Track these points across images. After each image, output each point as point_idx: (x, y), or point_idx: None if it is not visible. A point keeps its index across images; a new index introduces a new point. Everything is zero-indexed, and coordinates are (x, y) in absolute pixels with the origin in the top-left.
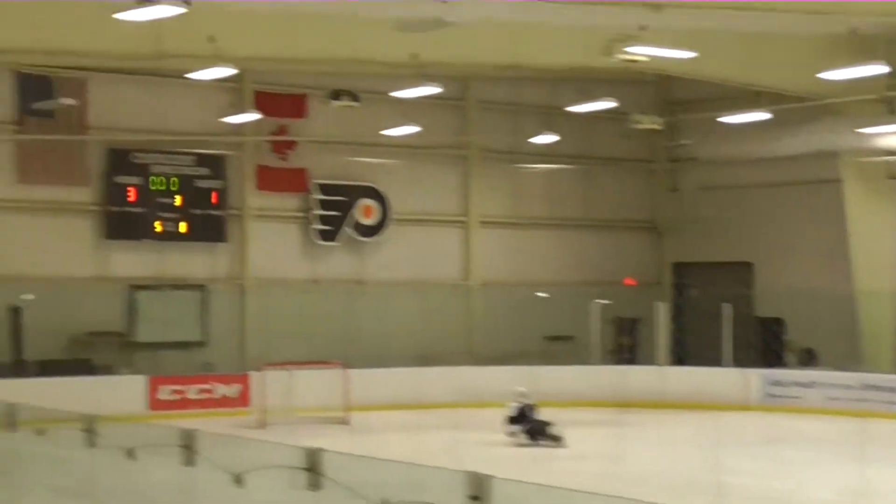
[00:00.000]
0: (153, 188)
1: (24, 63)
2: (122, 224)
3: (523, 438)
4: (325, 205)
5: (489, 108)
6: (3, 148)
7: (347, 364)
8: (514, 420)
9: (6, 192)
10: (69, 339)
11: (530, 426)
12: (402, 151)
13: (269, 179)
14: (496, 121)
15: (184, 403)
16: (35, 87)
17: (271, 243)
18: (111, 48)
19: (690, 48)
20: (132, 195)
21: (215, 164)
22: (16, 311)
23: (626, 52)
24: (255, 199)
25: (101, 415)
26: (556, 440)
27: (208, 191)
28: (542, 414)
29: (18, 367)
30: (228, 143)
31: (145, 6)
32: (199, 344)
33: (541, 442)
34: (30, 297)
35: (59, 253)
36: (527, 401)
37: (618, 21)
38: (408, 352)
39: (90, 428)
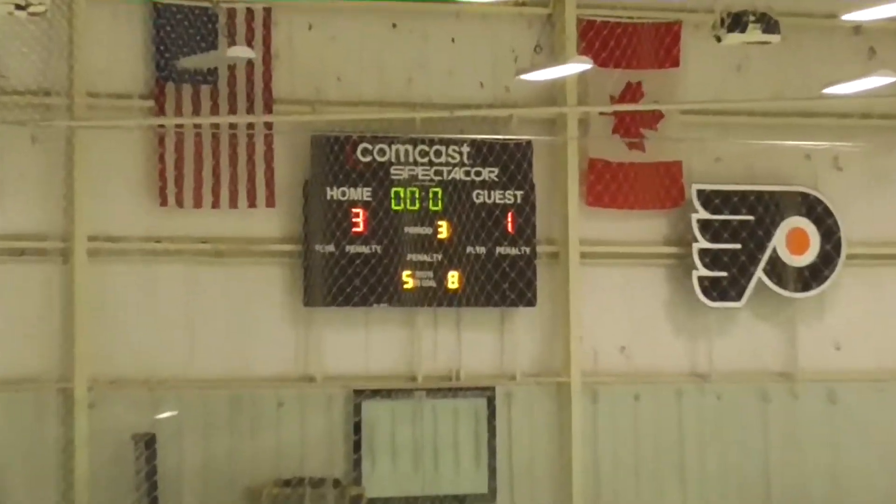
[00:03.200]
0: (397, 207)
1: None
2: (338, 278)
3: None
4: (713, 231)
5: None
6: (133, 143)
7: None
8: None
9: (139, 222)
10: (245, 494)
11: None
12: (864, 128)
13: (611, 186)
14: None
15: None
16: (179, 27)
17: (616, 303)
18: None
19: None
20: (360, 222)
21: (507, 160)
22: (147, 442)
23: None
24: (586, 225)
25: None
26: None
27: (497, 210)
28: None
29: None
30: (533, 120)
31: None
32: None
33: None
34: (170, 413)
35: (222, 335)
36: None
37: None
38: None
39: None
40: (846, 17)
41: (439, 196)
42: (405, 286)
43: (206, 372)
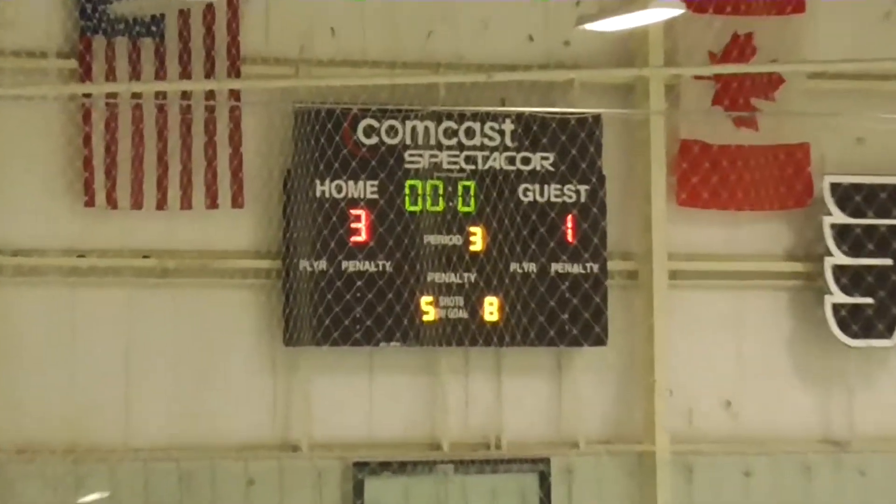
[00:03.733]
0: (414, 208)
1: None
2: (331, 307)
3: None
4: (852, 241)
5: None
6: (48, 119)
7: None
8: None
9: (57, 230)
10: None
11: None
12: None
13: (711, 178)
14: None
15: None
16: None
17: (720, 340)
18: None
19: None
20: (362, 228)
21: (567, 143)
22: None
23: None
24: (677, 234)
25: None
26: None
27: (553, 212)
28: None
29: None
30: (602, 87)
31: None
32: None
33: None
34: (100, 495)
35: (171, 386)
36: None
37: None
38: None
39: None
40: None
41: (472, 192)
42: (425, 318)
43: (149, 437)
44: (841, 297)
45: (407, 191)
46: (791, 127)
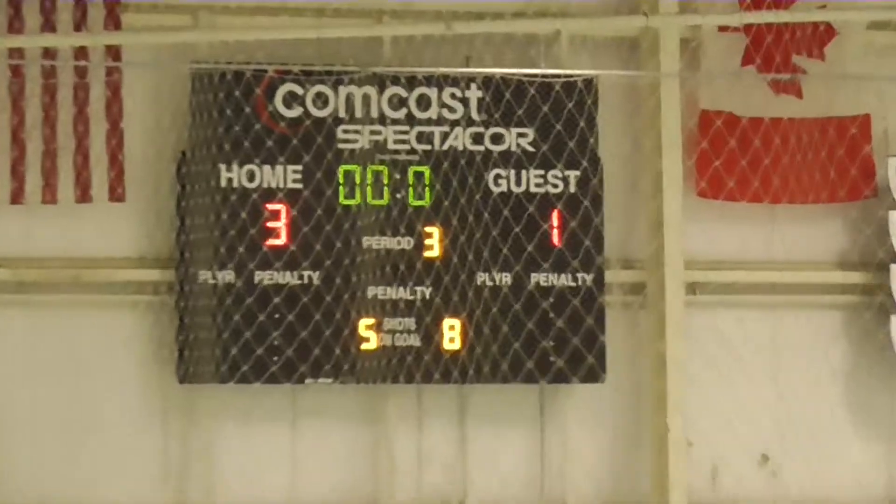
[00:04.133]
0: (350, 201)
1: None
2: (240, 333)
3: None
4: None
5: None
6: None
7: None
8: None
9: None
10: None
11: None
12: None
13: (740, 162)
14: None
15: None
16: None
17: (753, 375)
18: None
19: None
20: (281, 228)
21: (551, 115)
22: None
23: None
24: (696, 233)
25: None
26: None
27: (533, 205)
28: None
29: None
30: (597, 41)
31: None
32: None
33: None
34: None
35: (27, 436)
36: None
37: None
38: None
39: None
40: None
41: (426, 181)
42: (364, 346)
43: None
44: None
45: (340, 179)
46: (845, 94)
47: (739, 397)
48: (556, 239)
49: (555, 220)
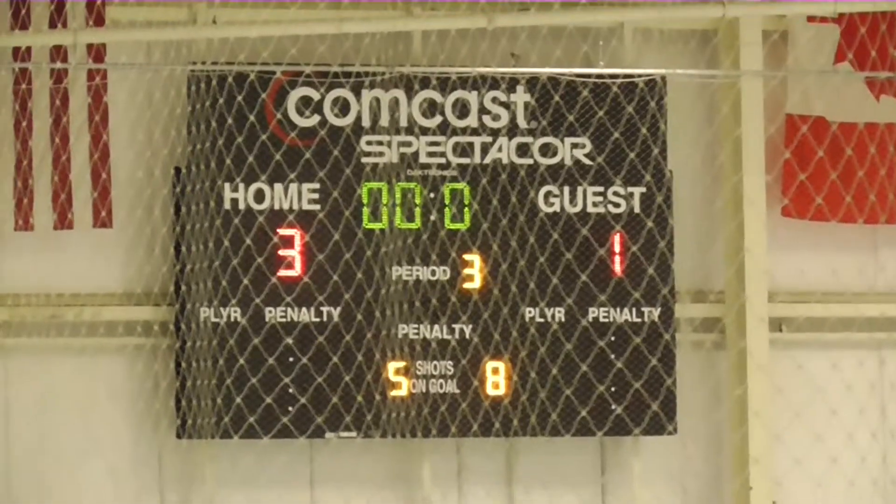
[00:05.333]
0: (374, 224)
1: None
2: (245, 379)
3: None
4: None
5: None
6: None
7: None
8: None
9: None
10: None
11: None
12: None
13: (831, 175)
14: None
15: None
16: None
17: (853, 427)
18: None
19: None
20: (295, 256)
21: (611, 122)
22: None
23: None
24: (783, 261)
25: None
26: None
27: (590, 228)
28: None
29: None
30: (664, 34)
31: None
32: None
33: None
34: None
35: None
36: None
37: None
38: None
39: None
40: None
41: (465, 199)
42: (393, 394)
43: None
44: None
45: (364, 198)
46: None
47: (834, 454)
48: (616, 267)
49: (615, 245)
